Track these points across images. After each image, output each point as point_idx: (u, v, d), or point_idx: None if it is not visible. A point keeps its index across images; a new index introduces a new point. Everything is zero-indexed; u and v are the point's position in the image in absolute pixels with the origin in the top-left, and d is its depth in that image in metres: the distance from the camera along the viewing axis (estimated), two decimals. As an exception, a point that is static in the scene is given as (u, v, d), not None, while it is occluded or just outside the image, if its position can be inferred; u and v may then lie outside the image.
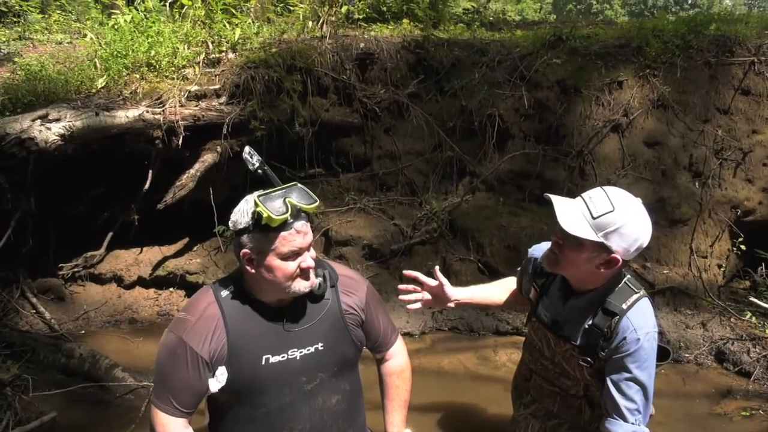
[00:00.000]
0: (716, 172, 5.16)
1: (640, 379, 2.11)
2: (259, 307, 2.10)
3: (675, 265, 4.99)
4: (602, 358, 2.18)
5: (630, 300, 2.15)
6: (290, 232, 1.98)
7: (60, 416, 3.19)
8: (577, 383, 2.38)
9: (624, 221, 2.00)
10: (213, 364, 2.04)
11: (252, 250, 1.99)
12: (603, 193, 2.05)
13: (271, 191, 1.99)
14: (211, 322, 2.04)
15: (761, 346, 4.15)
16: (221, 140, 5.05)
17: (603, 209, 2.00)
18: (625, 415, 2.13)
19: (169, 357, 2.05)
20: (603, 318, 2.16)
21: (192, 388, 2.04)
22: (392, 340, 2.49)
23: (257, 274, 2.02)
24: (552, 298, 2.34)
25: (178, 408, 2.05)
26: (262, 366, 2.08)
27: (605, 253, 2.04)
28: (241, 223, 1.99)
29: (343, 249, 5.20)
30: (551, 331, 2.35)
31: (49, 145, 4.22)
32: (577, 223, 2.01)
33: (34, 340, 4.01)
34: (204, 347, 2.02)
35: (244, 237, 1.99)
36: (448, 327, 4.79)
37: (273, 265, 1.99)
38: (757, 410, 3.56)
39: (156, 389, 2.10)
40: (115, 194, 5.23)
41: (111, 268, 5.31)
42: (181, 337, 2.02)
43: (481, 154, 5.61)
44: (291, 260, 2.00)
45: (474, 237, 5.15)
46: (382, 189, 5.80)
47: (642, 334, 2.09)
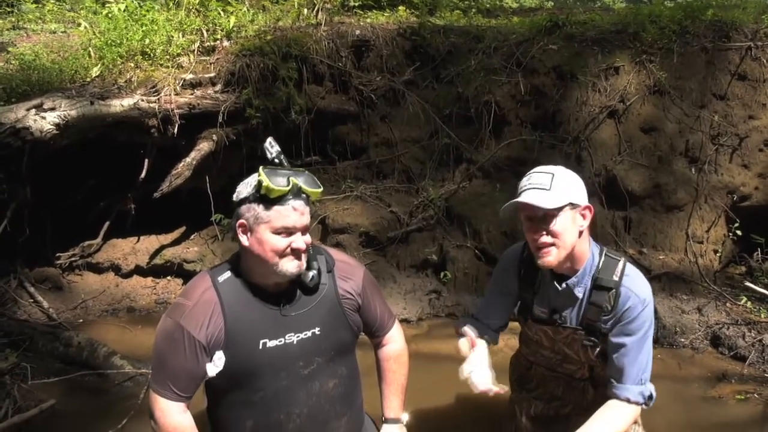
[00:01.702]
0: (712, 157, 5.16)
1: (644, 340, 2.19)
2: (257, 292, 2.11)
3: (671, 251, 5.01)
4: (605, 331, 2.21)
5: (618, 270, 2.21)
6: (286, 207, 2.00)
7: (59, 404, 3.20)
8: (582, 366, 2.41)
9: (565, 177, 2.15)
10: (210, 349, 2.05)
11: (248, 220, 2.02)
12: (535, 172, 2.18)
13: (280, 168, 2.03)
14: (208, 307, 2.06)
15: (756, 331, 4.17)
16: (217, 128, 5.04)
17: (547, 179, 2.12)
18: (632, 378, 2.19)
19: (167, 342, 2.06)
20: (599, 294, 2.21)
21: (190, 372, 2.06)
22: (389, 325, 2.50)
23: (249, 250, 2.04)
24: (543, 293, 2.36)
25: (176, 393, 2.06)
26: (259, 350, 2.10)
27: (578, 209, 2.14)
28: (243, 193, 2.02)
29: (340, 236, 5.20)
30: (549, 324, 2.37)
31: (44, 135, 4.21)
32: (546, 200, 2.08)
33: (32, 329, 4.02)
34: (201, 332, 2.03)
35: (243, 207, 2.02)
36: (445, 313, 4.81)
37: (264, 238, 2.01)
38: (751, 394, 3.58)
39: (154, 374, 2.11)
40: (112, 184, 5.23)
41: (108, 257, 5.32)
42: (179, 322, 2.03)
43: (478, 140, 5.60)
44: (282, 236, 2.02)
45: (471, 224, 5.16)
46: (378, 176, 5.80)
47: (643, 298, 2.18)
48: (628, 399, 2.18)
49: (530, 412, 2.64)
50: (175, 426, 2.06)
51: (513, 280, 2.43)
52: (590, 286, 2.23)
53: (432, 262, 5.10)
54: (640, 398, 2.18)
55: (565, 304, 2.30)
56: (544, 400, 2.61)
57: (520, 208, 2.16)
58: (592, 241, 2.27)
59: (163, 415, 2.06)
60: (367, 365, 2.53)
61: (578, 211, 2.15)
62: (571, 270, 2.24)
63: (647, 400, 2.20)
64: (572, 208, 2.12)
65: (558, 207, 2.08)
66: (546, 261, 2.16)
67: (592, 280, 2.23)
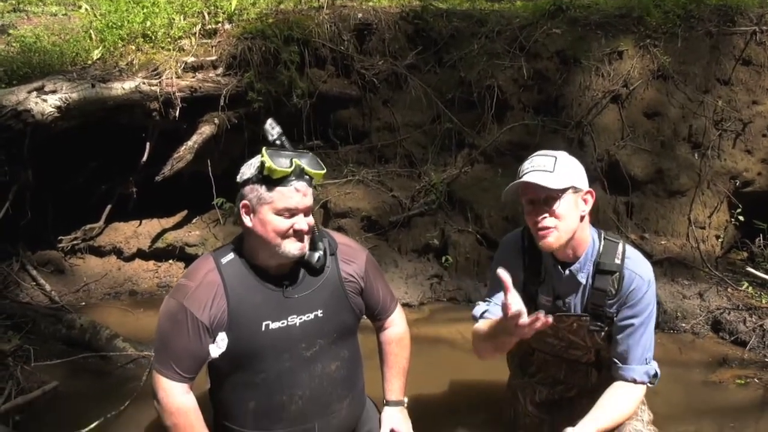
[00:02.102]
0: (716, 143, 5.13)
1: (649, 320, 2.22)
2: (260, 274, 2.12)
3: (673, 236, 5.00)
4: (610, 315, 2.22)
5: (618, 253, 2.22)
6: (289, 188, 2.02)
7: (62, 386, 3.22)
8: (588, 351, 2.42)
9: (567, 161, 2.16)
10: (213, 330, 2.06)
11: (251, 201, 2.04)
12: (538, 155, 2.19)
13: (283, 150, 2.05)
14: (211, 289, 2.07)
15: (757, 316, 4.18)
16: (219, 112, 5.03)
17: (550, 162, 2.13)
18: (637, 359, 2.21)
19: (170, 323, 2.07)
20: (602, 279, 2.21)
21: (193, 353, 2.07)
22: (392, 309, 2.51)
23: (252, 231, 2.05)
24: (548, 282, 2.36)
25: (179, 373, 2.07)
26: (262, 332, 2.11)
27: (580, 193, 2.15)
28: (246, 174, 2.05)
29: (342, 221, 5.20)
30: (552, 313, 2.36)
31: (45, 118, 4.20)
32: (552, 181, 2.09)
33: (34, 312, 4.03)
34: (204, 313, 2.04)
35: (246, 188, 2.05)
36: (446, 297, 4.82)
37: (266, 219, 2.03)
38: (752, 378, 3.60)
39: (157, 355, 2.12)
40: (113, 167, 5.23)
41: (110, 241, 5.32)
42: (182, 302, 2.04)
43: (480, 125, 5.58)
44: (285, 217, 2.03)
45: (472, 208, 5.15)
46: (380, 161, 5.78)
47: (647, 280, 2.20)
48: (634, 379, 2.20)
49: (535, 398, 2.66)
50: (178, 406, 2.08)
51: (517, 270, 2.39)
52: (593, 272, 2.23)
53: (433, 247, 5.10)
54: (645, 378, 2.20)
55: (569, 290, 2.30)
56: (548, 384, 2.62)
57: (522, 191, 2.15)
58: (591, 226, 2.27)
59: (167, 396, 2.07)
60: (369, 348, 2.55)
61: (580, 195, 2.16)
62: (572, 256, 2.25)
63: (652, 378, 2.23)
64: (575, 191, 2.13)
65: (561, 188, 2.08)
66: (546, 242, 2.15)
67: (594, 265, 2.23)
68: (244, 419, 2.22)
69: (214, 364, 2.14)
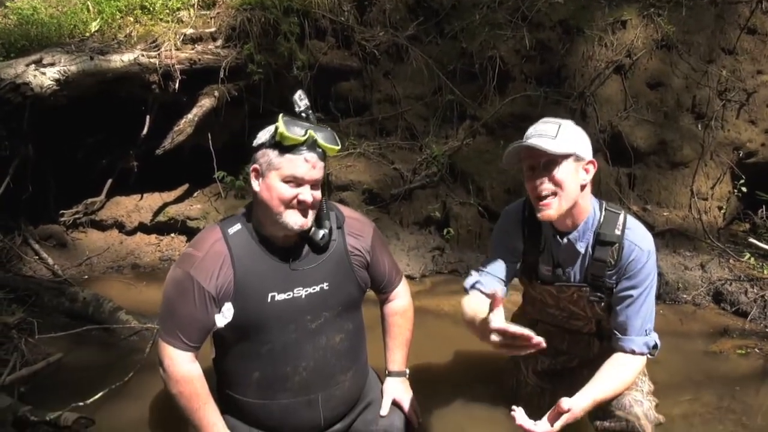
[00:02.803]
0: (719, 113, 5.10)
1: (649, 291, 2.20)
2: (266, 245, 2.13)
3: (675, 208, 4.99)
4: (610, 285, 2.23)
5: (619, 224, 2.21)
6: (298, 157, 2.02)
7: (66, 358, 3.23)
8: (589, 321, 2.43)
9: (572, 129, 2.14)
10: (219, 300, 2.07)
11: (261, 165, 2.05)
12: (543, 122, 2.17)
13: (301, 120, 2.05)
14: (218, 258, 2.07)
15: (759, 287, 4.18)
16: (218, 84, 4.99)
17: (554, 129, 2.11)
18: (636, 330, 2.20)
19: (177, 291, 2.08)
20: (602, 249, 2.20)
21: (199, 322, 2.07)
22: (397, 282, 2.53)
23: (259, 197, 2.06)
24: (547, 251, 2.36)
25: (185, 342, 2.08)
26: (268, 303, 2.11)
27: (581, 162, 2.13)
28: (261, 139, 2.06)
29: (344, 194, 5.19)
30: (553, 283, 2.37)
31: (44, 91, 4.18)
32: (554, 146, 2.07)
33: (37, 285, 4.04)
34: (211, 282, 2.04)
35: (259, 152, 2.06)
36: (448, 270, 4.83)
37: (272, 185, 2.03)
38: (752, 348, 3.61)
39: (163, 324, 2.13)
40: (114, 140, 5.20)
41: (112, 215, 5.32)
42: (189, 272, 2.05)
43: (482, 97, 5.54)
44: (290, 186, 2.03)
45: (474, 180, 5.14)
46: (381, 134, 5.76)
47: (646, 250, 2.18)
48: (633, 350, 2.19)
49: (537, 368, 2.67)
50: (183, 375, 2.09)
51: (517, 240, 2.40)
52: (593, 242, 2.23)
53: (435, 219, 5.10)
54: (645, 349, 2.20)
55: (568, 259, 2.30)
56: (550, 355, 2.63)
57: (523, 155, 2.13)
58: (592, 196, 2.26)
59: (173, 364, 2.08)
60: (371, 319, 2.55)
61: (582, 164, 2.13)
62: (572, 226, 2.24)
63: (652, 349, 2.22)
64: (576, 159, 2.11)
65: (561, 154, 2.07)
66: (546, 213, 2.14)
67: (594, 235, 2.22)
68: (247, 389, 2.24)
69: (219, 333, 2.15)
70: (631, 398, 2.17)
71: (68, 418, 2.43)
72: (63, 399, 2.68)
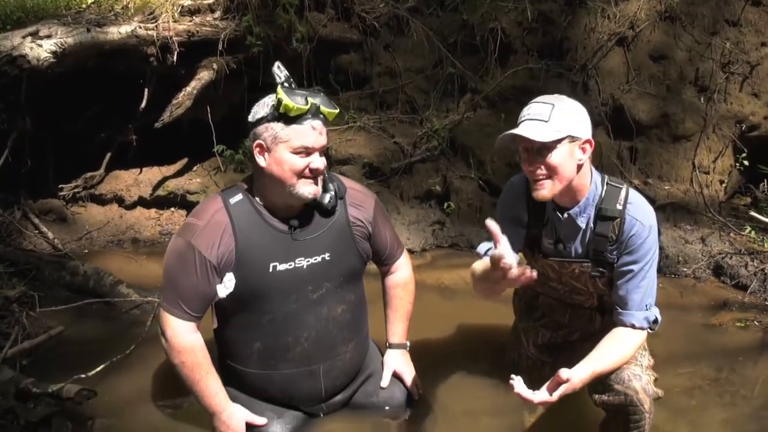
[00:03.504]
0: (722, 86, 5.05)
1: (649, 266, 2.20)
2: (268, 216, 2.12)
3: (677, 181, 4.97)
4: (611, 260, 2.22)
5: (621, 198, 2.19)
6: (305, 126, 2.01)
7: (67, 331, 3.24)
8: (591, 296, 2.43)
9: (566, 108, 2.09)
10: (221, 270, 2.07)
11: (265, 140, 2.03)
12: (535, 103, 2.13)
13: (296, 88, 2.03)
14: (219, 228, 2.06)
15: (759, 260, 4.18)
16: (217, 57, 4.94)
17: (546, 111, 2.07)
18: (636, 304, 2.20)
19: (178, 262, 2.08)
20: (603, 225, 2.19)
21: (201, 292, 2.08)
22: (398, 254, 2.53)
23: (266, 171, 2.04)
24: (549, 225, 2.35)
25: (187, 312, 2.08)
26: (269, 273, 2.12)
27: (577, 142, 2.10)
28: (260, 113, 2.03)
29: (344, 168, 5.17)
30: (555, 257, 2.37)
31: (41, 63, 4.13)
32: (543, 133, 2.04)
33: (38, 259, 4.04)
34: (212, 252, 2.04)
35: (260, 127, 2.04)
36: (448, 243, 4.83)
37: (283, 158, 2.02)
38: (751, 321, 3.62)
39: (165, 294, 2.13)
40: (113, 114, 5.17)
41: (111, 189, 5.31)
42: (190, 241, 2.05)
43: (483, 69, 5.49)
44: (301, 156, 2.02)
45: (475, 154, 5.11)
46: (382, 107, 5.71)
47: (648, 225, 2.17)
48: (633, 325, 2.20)
49: (537, 341, 2.68)
50: (185, 345, 2.10)
51: (522, 212, 2.40)
52: (594, 217, 2.22)
53: (436, 193, 5.09)
54: (645, 323, 2.20)
55: (569, 234, 2.29)
56: (551, 328, 2.64)
57: (517, 139, 2.12)
58: (594, 170, 2.24)
59: (175, 334, 2.09)
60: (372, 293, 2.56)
61: (578, 144, 2.11)
62: (572, 201, 2.23)
63: (652, 324, 2.23)
64: (571, 141, 2.08)
65: (554, 140, 2.04)
66: (540, 194, 2.14)
67: (595, 210, 2.21)
68: (249, 359, 2.25)
69: (221, 304, 2.16)
70: (630, 372, 2.17)
71: (70, 390, 2.44)
72: (65, 372, 2.69)
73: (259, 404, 2.32)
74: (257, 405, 2.32)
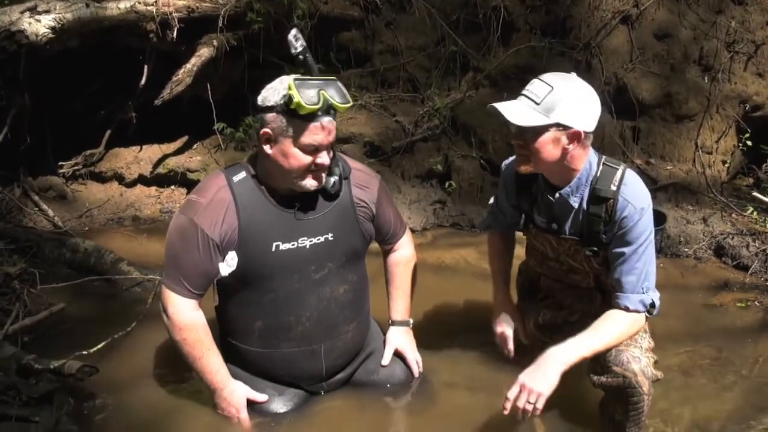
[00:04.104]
0: (726, 65, 5.01)
1: (644, 248, 2.17)
2: (272, 195, 2.11)
3: (679, 161, 4.95)
4: (605, 241, 2.21)
5: (616, 179, 2.17)
6: (315, 124, 1.97)
7: (68, 308, 3.24)
8: (587, 276, 2.42)
9: (566, 94, 2.04)
10: (224, 248, 2.05)
11: (273, 130, 1.99)
12: (538, 80, 2.09)
13: (309, 78, 1.96)
14: (222, 206, 2.05)
15: (761, 241, 4.17)
16: (217, 33, 4.89)
17: (543, 92, 2.04)
18: (631, 287, 2.19)
19: (181, 239, 2.07)
20: (597, 205, 2.18)
21: (203, 270, 2.07)
22: (401, 233, 2.54)
23: (271, 158, 2.01)
24: (542, 203, 2.34)
25: (189, 289, 2.08)
26: (272, 252, 2.10)
27: (565, 130, 2.06)
28: (270, 101, 1.98)
29: (345, 146, 5.15)
30: (550, 233, 2.36)
31: (39, 39, 4.08)
32: (525, 115, 2.03)
33: (38, 236, 4.03)
34: (215, 230, 2.02)
35: (270, 115, 1.99)
36: (449, 222, 4.82)
37: (289, 152, 1.99)
38: (752, 301, 3.62)
39: (167, 271, 2.12)
40: (112, 91, 5.14)
41: (111, 167, 5.29)
42: (193, 219, 2.03)
43: (485, 48, 5.45)
44: (307, 153, 1.98)
45: (476, 133, 5.08)
46: (383, 85, 5.68)
47: (639, 208, 2.14)
48: (627, 307, 2.18)
49: (538, 320, 2.68)
50: (187, 322, 2.10)
51: (512, 190, 2.45)
52: (588, 197, 2.20)
53: (437, 172, 5.07)
54: (640, 306, 2.18)
55: (562, 214, 2.29)
56: (552, 309, 2.64)
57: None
58: (591, 150, 2.22)
59: (176, 312, 2.09)
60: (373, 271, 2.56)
61: (566, 133, 2.07)
62: (562, 181, 2.22)
63: (649, 308, 2.21)
64: (559, 128, 2.05)
65: (532, 126, 2.04)
66: (521, 168, 2.18)
67: (590, 190, 2.20)
68: (250, 338, 2.25)
69: (223, 282, 2.15)
70: (629, 354, 2.17)
71: (72, 366, 2.44)
72: (66, 348, 2.69)
73: (260, 382, 2.33)
74: (258, 383, 2.33)
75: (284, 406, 2.33)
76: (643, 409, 2.20)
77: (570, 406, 2.48)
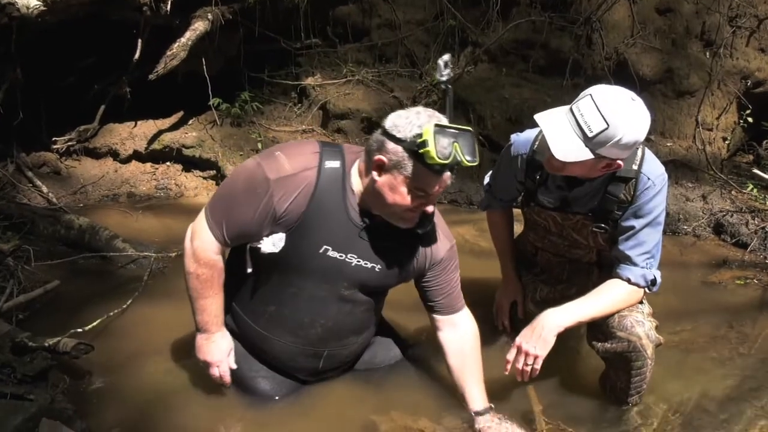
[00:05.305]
0: (728, 41, 4.96)
1: (654, 225, 2.18)
2: (351, 200, 2.03)
3: (679, 138, 4.93)
4: (617, 218, 2.20)
5: (637, 159, 2.14)
6: (435, 177, 1.87)
7: (63, 285, 3.20)
8: (590, 251, 2.43)
9: (620, 134, 1.92)
10: (278, 225, 1.98)
11: (390, 161, 1.87)
12: (593, 105, 1.93)
13: (448, 127, 1.83)
14: (302, 184, 1.96)
15: (760, 218, 4.17)
16: (212, 7, 4.80)
17: (597, 128, 1.92)
18: (636, 261, 2.18)
19: (246, 189, 1.99)
20: (617, 186, 2.15)
21: (248, 230, 2.00)
22: (457, 308, 2.35)
23: (376, 185, 1.93)
24: (552, 188, 2.32)
25: (224, 235, 2.02)
26: (318, 253, 2.03)
27: (605, 160, 2.01)
28: (400, 134, 1.85)
29: (342, 122, 5.11)
30: (557, 210, 2.33)
31: (31, 11, 4.00)
32: (573, 150, 1.96)
33: (32, 213, 3.98)
34: (283, 203, 1.95)
35: (392, 145, 1.86)
36: (447, 200, 4.79)
37: (398, 189, 1.90)
38: (751, 279, 3.62)
39: (215, 205, 2.06)
40: (106, 65, 5.06)
41: (106, 143, 5.23)
42: (270, 179, 1.94)
43: (485, 22, 5.39)
44: (415, 197, 1.91)
45: (475, 109, 5.04)
46: (381, 60, 5.62)
47: (658, 184, 2.13)
48: (628, 279, 2.19)
49: (536, 296, 2.69)
50: (207, 260, 2.05)
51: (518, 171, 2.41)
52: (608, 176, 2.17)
53: (435, 149, 5.02)
54: (641, 281, 2.18)
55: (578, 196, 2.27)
56: (550, 284, 2.65)
57: None
58: None
59: (202, 246, 2.04)
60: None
61: (606, 161, 2.02)
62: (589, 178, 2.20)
63: (649, 284, 2.21)
64: (601, 159, 2.00)
65: (577, 161, 1.98)
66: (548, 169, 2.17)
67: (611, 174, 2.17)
68: (257, 316, 2.22)
69: (259, 254, 2.07)
70: (633, 319, 2.18)
71: (67, 343, 2.42)
72: (61, 326, 2.67)
73: (253, 362, 2.32)
74: (253, 363, 2.32)
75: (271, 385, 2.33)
76: (645, 374, 2.22)
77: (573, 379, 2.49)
